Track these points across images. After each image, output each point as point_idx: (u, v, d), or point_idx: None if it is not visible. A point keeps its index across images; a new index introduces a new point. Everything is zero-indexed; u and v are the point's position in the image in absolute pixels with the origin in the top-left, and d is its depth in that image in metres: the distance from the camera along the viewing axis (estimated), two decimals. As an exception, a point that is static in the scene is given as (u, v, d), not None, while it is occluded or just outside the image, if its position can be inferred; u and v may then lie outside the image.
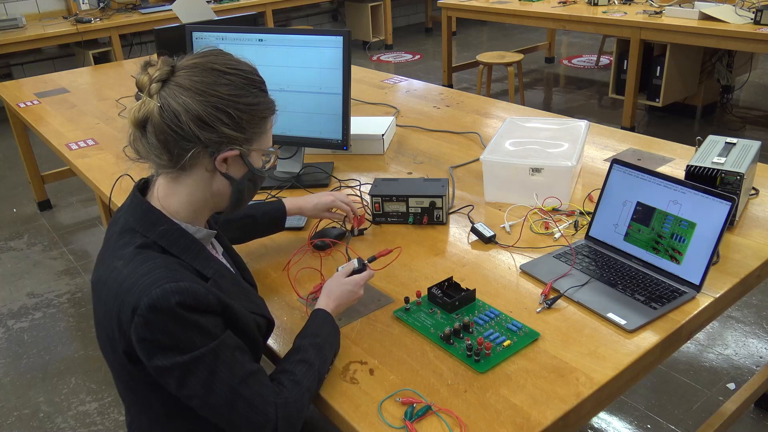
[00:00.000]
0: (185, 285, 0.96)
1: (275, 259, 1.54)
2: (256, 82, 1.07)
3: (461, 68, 5.81)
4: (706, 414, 2.08)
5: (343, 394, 1.11)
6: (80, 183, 4.19)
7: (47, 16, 5.89)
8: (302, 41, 1.81)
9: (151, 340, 0.95)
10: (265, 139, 1.10)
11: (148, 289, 0.94)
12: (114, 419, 2.26)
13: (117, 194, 1.87)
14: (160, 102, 1.00)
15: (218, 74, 1.02)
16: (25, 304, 2.98)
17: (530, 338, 1.21)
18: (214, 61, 1.03)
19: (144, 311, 0.93)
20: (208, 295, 0.98)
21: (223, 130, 1.02)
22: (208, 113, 1.00)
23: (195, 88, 1.00)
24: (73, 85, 3.36)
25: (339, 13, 7.91)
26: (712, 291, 1.33)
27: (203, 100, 1.00)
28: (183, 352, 0.95)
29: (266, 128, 1.10)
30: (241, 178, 1.08)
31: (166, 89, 1.00)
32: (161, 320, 0.94)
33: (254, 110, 1.05)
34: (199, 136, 1.00)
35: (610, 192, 1.48)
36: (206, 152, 1.03)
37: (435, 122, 2.44)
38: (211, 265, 1.07)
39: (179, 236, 1.05)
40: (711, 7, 3.92)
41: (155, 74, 1.01)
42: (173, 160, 1.03)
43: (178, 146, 1.01)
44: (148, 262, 0.99)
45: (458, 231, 1.63)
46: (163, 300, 0.93)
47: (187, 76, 1.01)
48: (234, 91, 1.02)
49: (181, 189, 1.07)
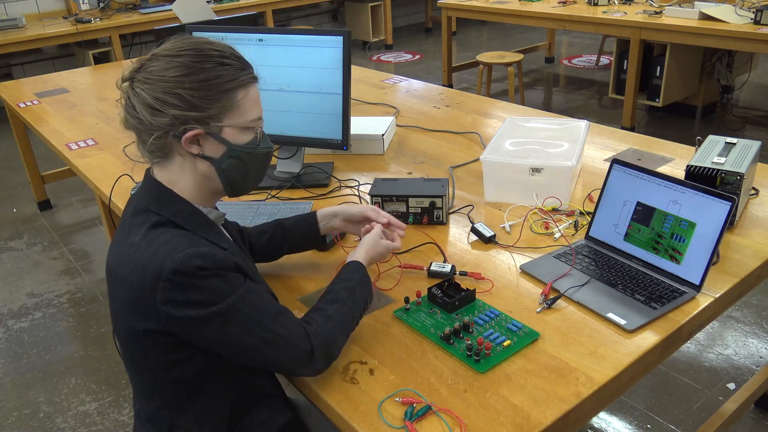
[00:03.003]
0: (205, 250, 1.00)
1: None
2: (211, 57, 1.05)
3: (461, 68, 5.81)
4: (706, 414, 2.08)
5: (343, 394, 1.11)
6: (80, 183, 4.19)
7: (47, 16, 5.89)
8: (302, 41, 1.81)
9: (182, 300, 0.98)
10: (239, 112, 1.08)
11: (171, 255, 0.98)
12: (114, 419, 2.26)
13: (117, 194, 1.87)
14: (125, 99, 1.06)
15: (167, 60, 1.04)
16: (25, 304, 2.98)
17: (530, 338, 1.21)
18: (167, 48, 1.06)
19: (169, 275, 0.97)
20: (227, 258, 1.02)
21: (171, 112, 1.03)
22: (156, 99, 1.02)
23: (146, 78, 1.03)
24: (73, 85, 3.36)
25: (339, 13, 7.91)
26: (712, 291, 1.33)
27: (151, 87, 1.03)
28: (217, 303, 0.99)
29: (235, 101, 1.07)
30: (221, 157, 1.09)
31: (129, 87, 1.05)
32: (188, 281, 0.98)
33: (209, 85, 1.04)
34: (152, 122, 1.03)
35: (610, 192, 1.48)
36: (168, 137, 1.05)
37: (435, 122, 2.44)
38: (225, 240, 1.11)
39: (192, 213, 1.08)
40: (711, 7, 3.92)
41: (125, 74, 1.06)
42: (149, 150, 1.07)
43: (146, 136, 1.06)
44: (166, 234, 1.03)
45: (458, 231, 1.63)
46: (186, 263, 0.97)
47: (146, 69, 1.04)
48: (179, 72, 1.03)
49: (173, 176, 1.09)
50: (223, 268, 1.01)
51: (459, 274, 1.42)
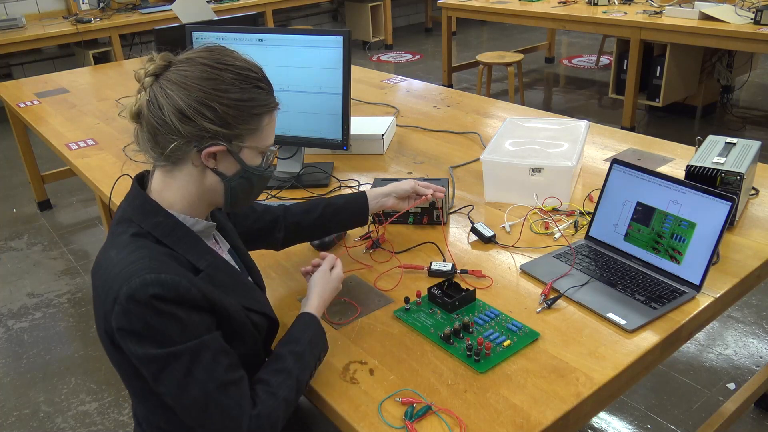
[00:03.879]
0: (165, 277, 0.95)
1: (274, 258, 1.54)
2: (250, 78, 1.05)
3: (461, 68, 5.81)
4: (706, 414, 2.08)
5: (343, 394, 1.11)
6: (80, 183, 4.19)
7: (47, 16, 5.89)
8: (302, 41, 1.81)
9: (129, 330, 0.95)
10: (260, 136, 1.08)
11: (129, 279, 0.94)
12: (114, 419, 2.26)
13: (117, 194, 1.87)
14: (149, 95, 1.02)
15: (207, 69, 1.02)
16: (25, 304, 2.98)
17: (530, 338, 1.21)
18: (206, 57, 1.04)
19: (122, 300, 0.94)
20: (191, 289, 0.97)
21: (203, 124, 1.01)
22: (189, 107, 1.00)
23: (181, 82, 1.01)
24: (73, 85, 3.36)
25: (339, 13, 7.91)
26: (712, 291, 1.33)
27: (186, 93, 1.00)
28: (159, 346, 0.94)
29: (260, 126, 1.07)
30: (233, 176, 1.07)
31: (157, 84, 1.02)
32: (138, 311, 0.94)
33: (243, 106, 1.04)
34: (180, 129, 1.01)
35: (610, 192, 1.48)
36: (191, 146, 1.03)
37: (435, 122, 2.44)
38: (206, 258, 1.06)
39: (173, 227, 1.05)
40: (711, 7, 3.92)
41: (150, 68, 1.03)
42: (162, 153, 1.04)
43: (164, 139, 1.02)
44: (137, 251, 0.99)
45: (458, 231, 1.63)
46: (141, 290, 0.93)
47: (177, 70, 1.02)
48: (220, 86, 1.02)
49: (174, 183, 1.07)
50: (181, 301, 0.96)
51: (460, 273, 1.42)
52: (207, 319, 1.00)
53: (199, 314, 0.98)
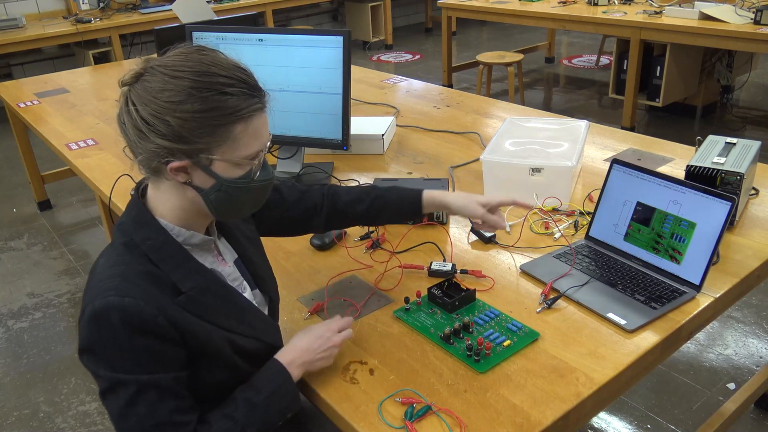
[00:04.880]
0: (130, 302, 0.92)
1: (273, 258, 1.54)
2: (211, 84, 0.94)
3: (461, 68, 5.81)
4: (706, 414, 2.08)
5: (343, 394, 1.11)
6: (80, 183, 4.19)
7: (47, 16, 5.89)
8: (302, 41, 1.81)
9: (86, 345, 0.95)
10: (234, 146, 0.98)
11: (96, 297, 0.94)
12: (114, 419, 2.26)
13: (117, 194, 1.87)
14: (120, 107, 0.98)
15: (164, 78, 0.94)
16: (25, 304, 2.98)
17: (530, 338, 1.21)
18: (169, 64, 0.95)
19: (86, 317, 0.94)
20: (157, 317, 0.93)
21: (156, 140, 0.94)
22: (143, 122, 0.94)
23: (140, 95, 0.94)
24: (73, 85, 3.36)
25: (339, 13, 7.91)
26: (712, 291, 1.33)
27: (143, 108, 0.94)
28: (110, 369, 0.94)
29: (231, 135, 0.96)
30: (209, 189, 0.99)
31: (129, 96, 0.96)
32: (97, 331, 0.93)
33: (202, 118, 0.94)
34: (140, 146, 0.97)
35: (610, 192, 1.48)
36: (153, 162, 0.97)
37: (435, 122, 2.44)
38: (194, 279, 1.01)
39: (162, 244, 1.01)
40: (711, 7, 3.92)
41: (125, 77, 0.97)
42: (139, 165, 1.01)
43: (134, 153, 0.99)
44: (115, 267, 0.97)
45: (458, 231, 1.63)
46: (103, 312, 0.92)
47: (144, 80, 0.95)
48: (174, 97, 0.93)
49: (161, 195, 1.03)
50: (143, 329, 0.93)
51: (460, 273, 1.42)
52: (169, 352, 0.96)
53: (161, 344, 0.95)
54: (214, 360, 1.03)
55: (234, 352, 1.05)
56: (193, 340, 0.99)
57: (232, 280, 1.13)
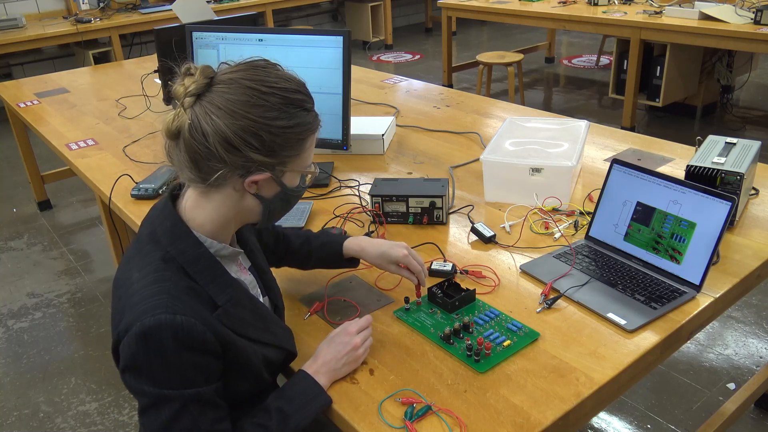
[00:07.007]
0: (181, 319, 0.93)
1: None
2: (296, 101, 1.00)
3: (461, 68, 5.81)
4: (706, 414, 2.08)
5: (343, 394, 1.11)
6: (80, 183, 4.19)
7: (47, 16, 5.89)
8: (302, 41, 1.81)
9: (131, 364, 0.94)
10: (302, 157, 1.05)
11: (144, 315, 0.93)
12: (114, 419, 2.26)
13: (117, 194, 1.87)
14: (191, 118, 0.96)
15: (253, 93, 0.97)
16: (25, 304, 2.98)
17: (530, 338, 1.21)
18: (252, 78, 0.98)
19: (133, 335, 0.92)
20: (206, 333, 0.95)
21: (250, 155, 0.97)
22: (236, 136, 0.96)
23: (226, 107, 0.95)
24: (73, 85, 3.36)
25: (339, 13, 7.92)
26: (712, 291, 1.33)
27: (233, 122, 0.95)
28: (155, 385, 0.94)
29: (304, 148, 1.04)
30: (273, 198, 1.05)
31: (198, 105, 0.96)
32: (146, 349, 0.93)
33: (289, 133, 0.99)
34: (226, 159, 0.97)
35: (610, 192, 1.48)
36: (235, 174, 0.99)
37: (435, 122, 2.44)
38: (227, 292, 1.03)
39: (199, 257, 1.02)
40: (711, 7, 3.92)
41: (190, 87, 0.97)
42: (202, 177, 1.00)
43: (206, 165, 0.98)
44: (158, 284, 0.96)
45: (458, 231, 1.63)
46: (154, 330, 0.92)
47: (221, 92, 0.96)
48: (267, 113, 0.97)
49: (208, 204, 1.03)
50: (192, 346, 0.94)
51: (461, 273, 1.42)
52: (212, 365, 0.98)
53: (206, 359, 0.97)
54: (243, 370, 1.05)
55: (261, 363, 1.08)
56: (230, 353, 1.01)
57: (252, 288, 1.15)
